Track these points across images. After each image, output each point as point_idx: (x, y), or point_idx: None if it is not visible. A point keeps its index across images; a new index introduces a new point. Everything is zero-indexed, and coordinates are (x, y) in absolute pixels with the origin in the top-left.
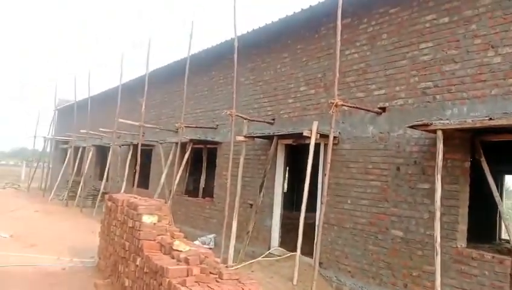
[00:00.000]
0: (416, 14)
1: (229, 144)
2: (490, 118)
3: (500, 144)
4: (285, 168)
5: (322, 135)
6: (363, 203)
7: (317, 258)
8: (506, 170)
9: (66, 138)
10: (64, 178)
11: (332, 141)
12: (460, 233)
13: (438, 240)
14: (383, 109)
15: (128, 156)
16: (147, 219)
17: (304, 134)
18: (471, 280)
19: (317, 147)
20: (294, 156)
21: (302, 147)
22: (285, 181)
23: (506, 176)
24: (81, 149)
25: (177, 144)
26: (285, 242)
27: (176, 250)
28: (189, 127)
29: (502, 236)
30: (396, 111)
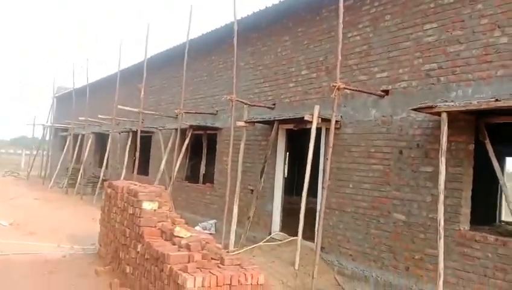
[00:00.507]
0: None
1: (229, 130)
2: (496, 100)
3: (501, 126)
4: (286, 153)
5: (323, 119)
6: (365, 187)
7: (319, 242)
8: (506, 151)
9: (65, 125)
10: (64, 166)
11: (334, 125)
12: (463, 216)
13: (442, 223)
14: (386, 91)
15: (128, 143)
16: (147, 205)
17: (305, 118)
18: (474, 263)
19: (318, 131)
20: (294, 141)
21: (303, 131)
22: (286, 166)
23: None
24: (80, 136)
25: (176, 130)
26: (286, 227)
27: (177, 236)
28: (188, 113)
29: (502, 218)
30: (400, 94)
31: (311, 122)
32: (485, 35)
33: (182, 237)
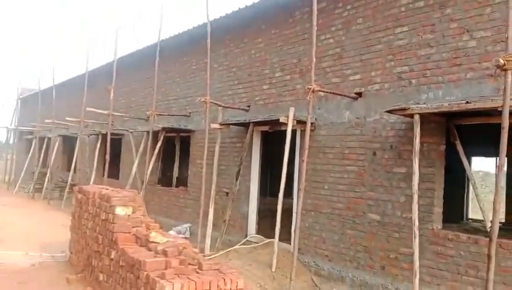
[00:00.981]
0: None
1: (202, 132)
2: (467, 102)
3: (468, 127)
4: (261, 155)
5: (298, 121)
6: (340, 189)
7: (296, 244)
8: (473, 151)
9: (30, 128)
10: (30, 170)
11: (310, 127)
12: (436, 215)
13: (416, 223)
14: (359, 94)
15: (97, 146)
16: (121, 210)
17: (281, 120)
18: (447, 261)
19: (293, 133)
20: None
21: (275, 133)
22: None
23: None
24: (46, 140)
25: (148, 132)
26: (261, 229)
27: (153, 242)
28: (161, 115)
29: (469, 216)
30: (372, 96)
31: (287, 124)
32: (454, 39)
33: (158, 243)
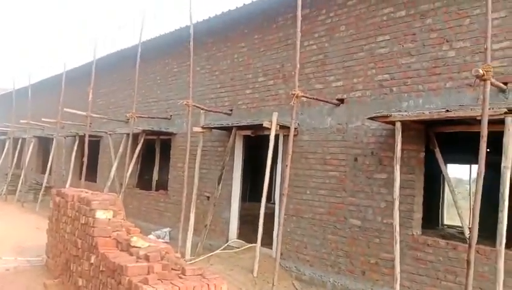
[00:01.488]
0: (374, 7)
1: (184, 135)
2: (447, 110)
3: (442, 135)
4: (243, 160)
5: (281, 126)
6: (322, 194)
7: (278, 249)
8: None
9: (3, 128)
10: (3, 171)
11: (293, 132)
12: (415, 221)
13: (397, 229)
14: (341, 100)
15: (74, 148)
16: (101, 214)
17: (264, 125)
18: (427, 266)
19: (275, 138)
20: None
21: (257, 137)
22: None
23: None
24: (20, 140)
25: (128, 135)
26: (242, 234)
27: (134, 247)
28: (141, 117)
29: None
30: (354, 103)
31: (269, 129)
32: (434, 49)
33: (140, 247)
